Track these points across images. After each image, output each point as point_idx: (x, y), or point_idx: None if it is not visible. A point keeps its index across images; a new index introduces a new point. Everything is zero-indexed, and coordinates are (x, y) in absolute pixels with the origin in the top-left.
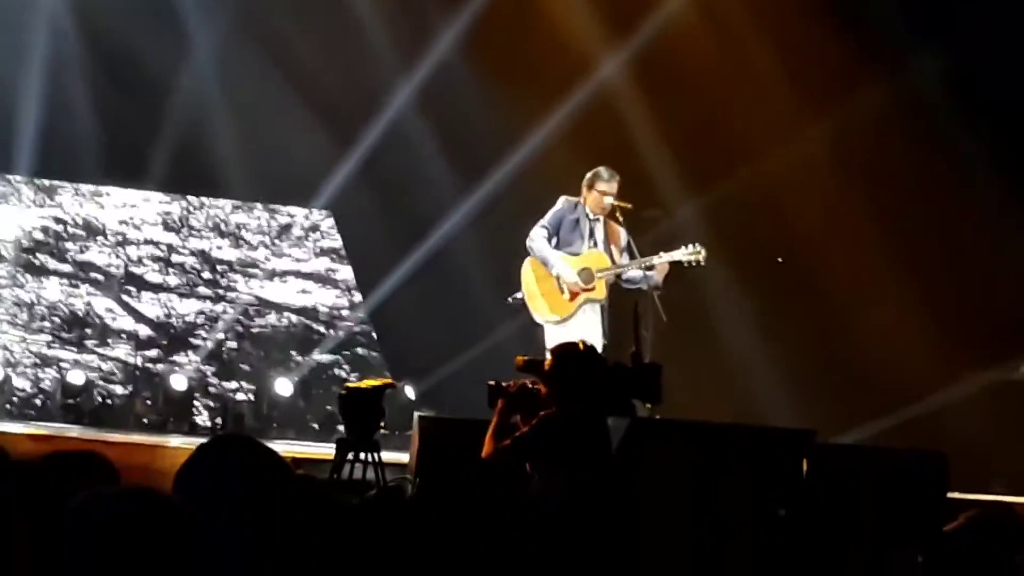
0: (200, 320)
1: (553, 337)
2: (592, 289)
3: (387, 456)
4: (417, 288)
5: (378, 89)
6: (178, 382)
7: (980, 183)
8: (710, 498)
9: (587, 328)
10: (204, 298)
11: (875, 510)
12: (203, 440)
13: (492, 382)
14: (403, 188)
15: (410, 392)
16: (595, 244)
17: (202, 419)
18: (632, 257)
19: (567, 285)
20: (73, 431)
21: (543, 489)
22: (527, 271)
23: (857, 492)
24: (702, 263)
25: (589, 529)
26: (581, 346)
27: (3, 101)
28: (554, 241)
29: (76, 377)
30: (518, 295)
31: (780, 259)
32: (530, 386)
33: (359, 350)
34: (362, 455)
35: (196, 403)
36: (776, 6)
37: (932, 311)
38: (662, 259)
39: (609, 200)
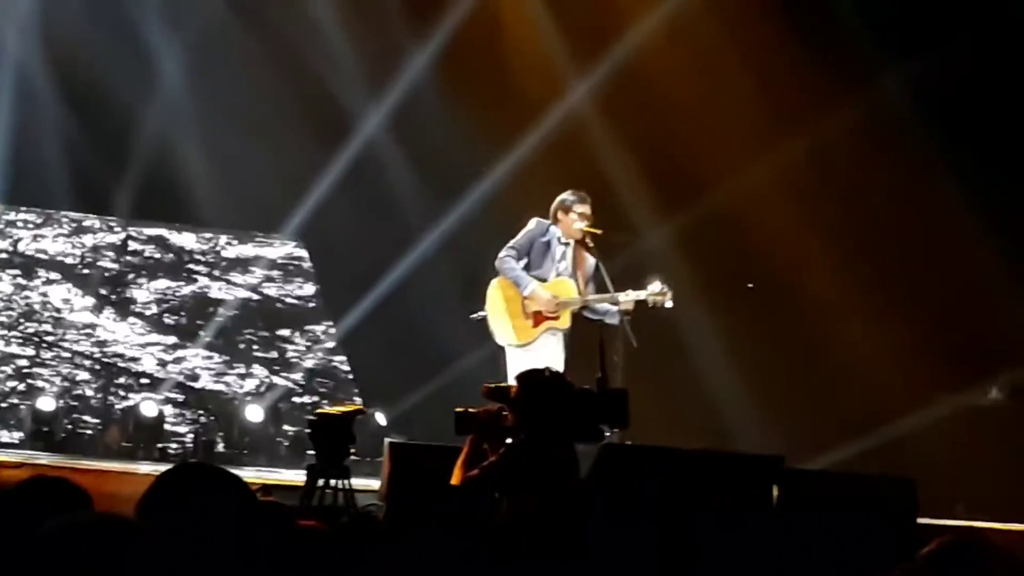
0: (169, 352)
1: (515, 361)
2: (557, 318)
3: (358, 482)
4: (388, 314)
5: (348, 115)
6: (148, 409)
7: (952, 203)
8: (680, 524)
9: (549, 355)
10: (175, 325)
11: (845, 536)
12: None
13: (459, 409)
14: (373, 214)
15: (381, 418)
16: (564, 269)
17: (172, 446)
18: (599, 284)
19: (540, 306)
20: (42, 458)
21: (512, 516)
22: (494, 292)
23: (827, 518)
24: (667, 305)
25: (558, 555)
26: (547, 373)
27: None
28: (523, 263)
29: (46, 404)
30: (481, 313)
31: (751, 285)
32: (497, 414)
33: (329, 377)
34: (333, 481)
35: (166, 430)
36: (745, 29)
37: (902, 335)
38: (628, 297)
39: (584, 224)
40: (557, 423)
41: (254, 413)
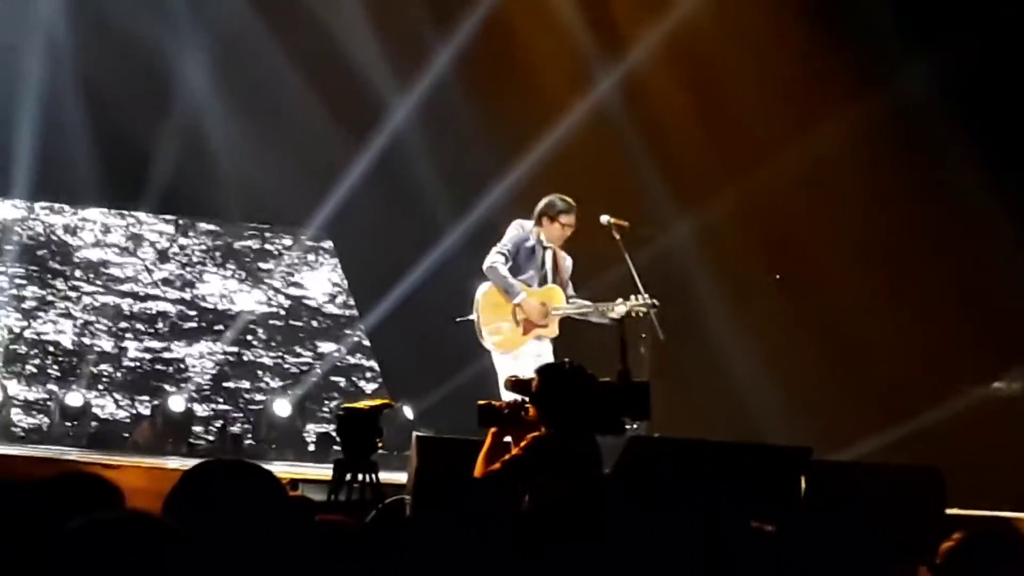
0: (196, 347)
1: (503, 366)
2: (546, 326)
3: (386, 476)
4: (415, 308)
5: (375, 109)
6: (176, 404)
7: (973, 196)
8: (707, 516)
9: (537, 361)
10: (201, 321)
11: (873, 527)
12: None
13: (482, 402)
14: (400, 209)
15: (408, 412)
16: (548, 274)
17: (200, 442)
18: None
19: (530, 315)
20: (72, 454)
21: (535, 509)
22: (483, 297)
23: (855, 509)
24: (651, 315)
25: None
26: (568, 365)
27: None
28: (509, 266)
29: (74, 399)
30: (469, 317)
31: (778, 276)
32: (520, 406)
33: (357, 370)
34: (360, 476)
35: (194, 425)
36: (763, 22)
37: (928, 326)
38: (615, 307)
39: (568, 233)
40: (578, 415)
41: (282, 408)
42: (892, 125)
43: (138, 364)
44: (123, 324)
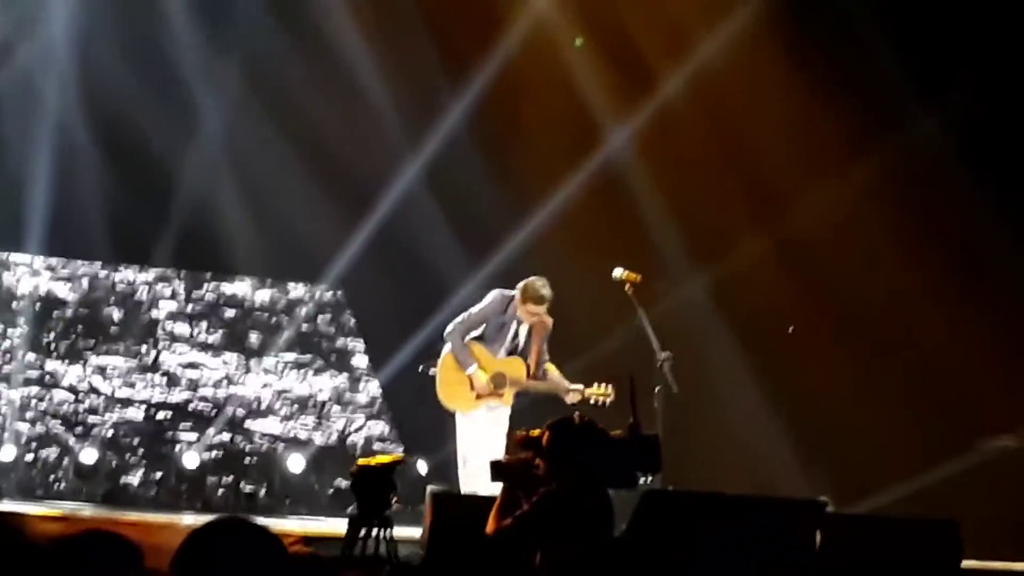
0: (208, 403)
1: (460, 426)
2: (500, 395)
3: (400, 531)
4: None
5: (387, 163)
6: (190, 460)
7: (991, 241)
8: (724, 570)
9: (488, 428)
10: (210, 379)
11: None
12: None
13: (493, 460)
14: (413, 263)
15: (422, 467)
16: (516, 348)
17: (214, 497)
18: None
19: (477, 388)
20: (86, 510)
21: (546, 565)
22: (445, 358)
23: (871, 562)
24: (606, 404)
25: None
26: (577, 419)
27: (14, 181)
28: (475, 334)
29: (88, 456)
30: (432, 369)
31: (792, 328)
32: (530, 462)
33: (371, 425)
34: (374, 531)
35: (208, 481)
36: (777, 70)
37: (946, 376)
38: (571, 391)
39: (535, 320)
40: (589, 470)
41: (295, 463)
42: (906, 172)
43: (153, 415)
44: (136, 378)
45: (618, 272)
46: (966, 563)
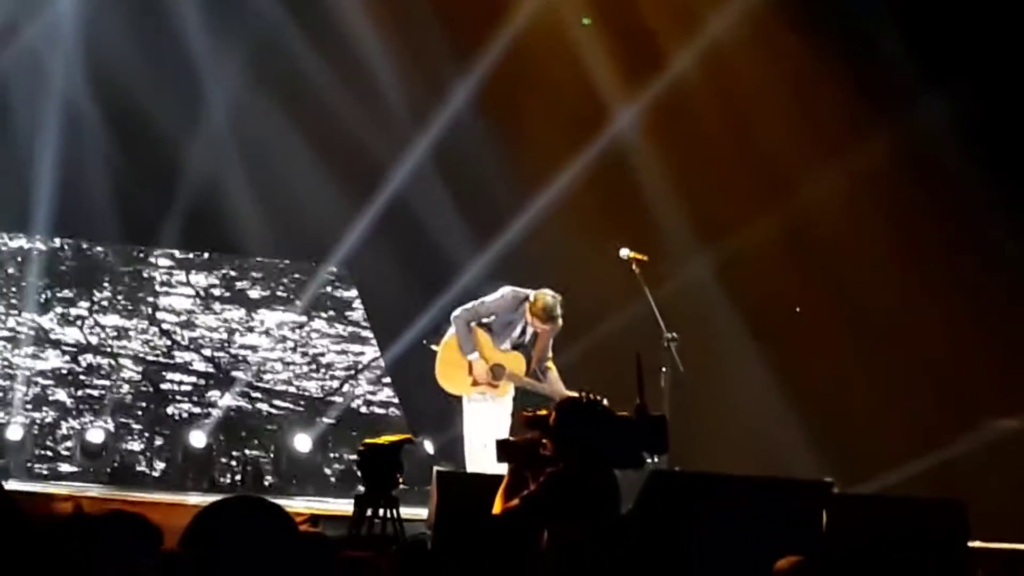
0: (214, 382)
1: (469, 407)
2: (496, 387)
3: (407, 511)
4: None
5: (394, 144)
6: (197, 439)
7: (994, 226)
8: (729, 551)
9: (487, 414)
10: (218, 358)
11: (895, 561)
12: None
13: (499, 439)
14: (420, 243)
15: (429, 447)
16: (521, 344)
17: (222, 477)
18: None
19: (476, 375)
20: (93, 490)
21: (553, 545)
22: (449, 338)
23: (877, 542)
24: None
25: None
26: (584, 399)
27: (21, 162)
28: (485, 322)
29: (95, 436)
30: (435, 346)
31: (798, 309)
32: (537, 441)
33: (377, 405)
34: (381, 511)
35: (216, 460)
36: (785, 50)
37: (951, 358)
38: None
39: (538, 330)
40: (595, 450)
41: (303, 443)
42: (911, 158)
43: (159, 399)
44: (150, 359)
45: (625, 252)
46: (973, 544)
